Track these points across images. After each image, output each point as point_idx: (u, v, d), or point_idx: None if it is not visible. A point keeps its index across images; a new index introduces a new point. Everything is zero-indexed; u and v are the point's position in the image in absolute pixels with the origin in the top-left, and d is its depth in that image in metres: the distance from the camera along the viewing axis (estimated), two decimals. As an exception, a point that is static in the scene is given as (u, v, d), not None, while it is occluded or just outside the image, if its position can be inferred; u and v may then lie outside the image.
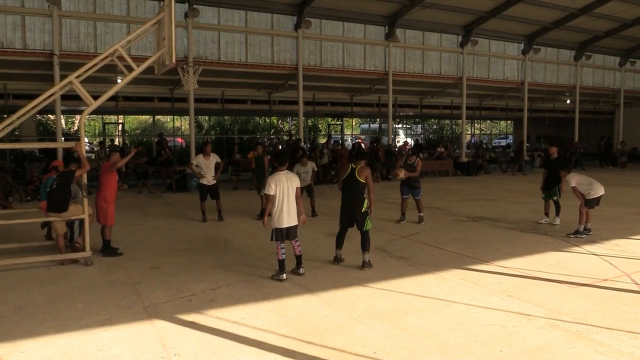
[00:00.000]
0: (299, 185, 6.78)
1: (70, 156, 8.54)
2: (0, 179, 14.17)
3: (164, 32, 8.02)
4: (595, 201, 9.40)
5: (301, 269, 6.83)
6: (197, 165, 11.15)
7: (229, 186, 17.42)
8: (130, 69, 7.89)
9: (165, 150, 17.37)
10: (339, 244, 7.47)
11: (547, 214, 10.63)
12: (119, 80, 9.19)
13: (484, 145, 30.92)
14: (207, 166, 11.09)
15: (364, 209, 7.20)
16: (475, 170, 22.93)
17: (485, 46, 23.57)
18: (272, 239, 6.68)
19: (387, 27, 20.60)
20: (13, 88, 17.46)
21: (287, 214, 6.59)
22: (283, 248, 6.62)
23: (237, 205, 13.31)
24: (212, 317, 5.30)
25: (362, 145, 26.34)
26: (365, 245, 7.19)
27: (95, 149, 21.59)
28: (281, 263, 6.61)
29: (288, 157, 7.23)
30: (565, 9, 21.47)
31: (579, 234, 9.22)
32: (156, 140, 19.86)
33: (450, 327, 4.98)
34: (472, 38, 22.41)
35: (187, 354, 4.43)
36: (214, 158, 11.23)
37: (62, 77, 11.13)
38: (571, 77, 26.77)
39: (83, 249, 7.53)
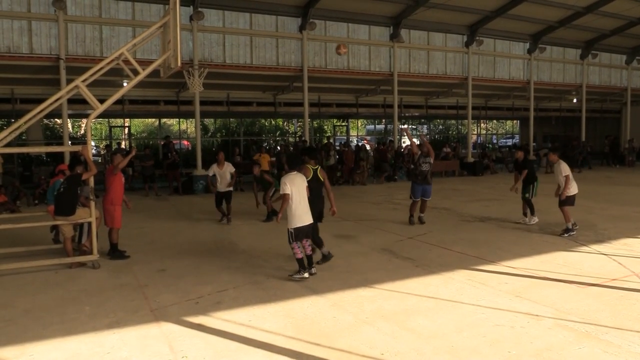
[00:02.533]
0: (306, 185, 6.90)
1: (77, 159, 8.58)
2: (8, 183, 14.27)
3: (169, 35, 8.05)
4: (573, 199, 9.40)
5: (313, 268, 6.84)
6: (213, 175, 11.23)
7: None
8: (136, 73, 7.93)
9: (172, 153, 17.42)
10: (320, 243, 7.40)
11: (524, 214, 10.59)
12: (125, 84, 9.25)
13: (488, 146, 30.90)
14: (222, 176, 11.17)
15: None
16: (482, 170, 22.87)
17: (491, 46, 23.51)
18: (292, 241, 6.63)
19: (391, 27, 20.59)
20: (20, 92, 17.54)
21: (307, 213, 6.70)
22: (300, 247, 6.64)
23: (242, 207, 13.32)
24: (219, 320, 5.30)
25: (368, 146, 26.34)
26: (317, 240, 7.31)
27: (102, 152, 21.69)
28: (301, 261, 6.61)
29: (300, 161, 7.26)
30: (570, 8, 21.39)
31: (570, 231, 9.16)
32: (163, 143, 19.94)
33: (458, 328, 4.96)
34: (478, 38, 22.35)
35: (195, 357, 4.43)
36: (228, 167, 11.29)
37: (69, 81, 11.19)
38: (577, 75, 26.63)
39: (90, 252, 7.56)
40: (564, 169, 9.28)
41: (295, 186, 6.63)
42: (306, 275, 6.59)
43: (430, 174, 10.62)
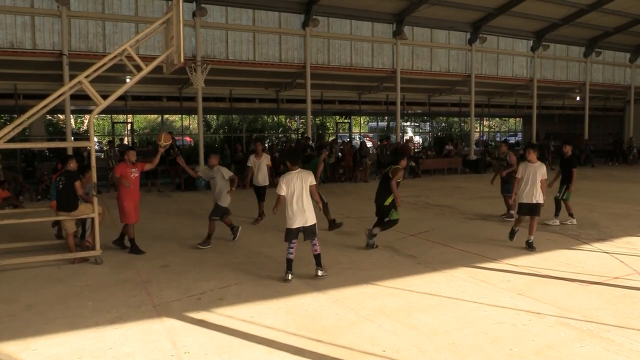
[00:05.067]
0: (314, 183, 6.57)
1: (70, 155, 8.61)
2: (11, 178, 14.31)
3: (172, 31, 8.04)
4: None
5: (319, 271, 6.59)
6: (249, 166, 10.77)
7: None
8: (139, 69, 7.92)
9: (174, 149, 17.42)
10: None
11: (571, 215, 10.13)
12: (127, 80, 9.22)
13: (491, 144, 30.85)
14: (258, 168, 10.76)
15: (387, 203, 7.97)
16: (484, 167, 22.85)
17: (494, 43, 23.47)
18: (285, 239, 6.58)
19: (394, 24, 20.57)
20: (23, 88, 17.58)
21: (300, 215, 6.43)
22: (291, 248, 6.51)
23: (244, 203, 13.33)
24: (221, 316, 5.32)
25: (370, 143, 26.35)
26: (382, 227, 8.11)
27: (105, 148, 21.70)
28: (288, 262, 6.50)
29: (301, 156, 7.00)
30: (574, 5, 21.34)
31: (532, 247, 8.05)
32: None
33: (460, 326, 4.97)
34: (481, 35, 22.32)
35: (197, 352, 4.44)
36: (265, 159, 10.85)
37: (72, 77, 11.22)
38: (581, 73, 26.58)
39: (93, 248, 7.58)
40: (545, 171, 8.16)
41: (291, 186, 6.41)
42: (288, 277, 6.43)
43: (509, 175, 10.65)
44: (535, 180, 8.01)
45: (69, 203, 7.53)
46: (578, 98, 28.07)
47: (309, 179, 6.54)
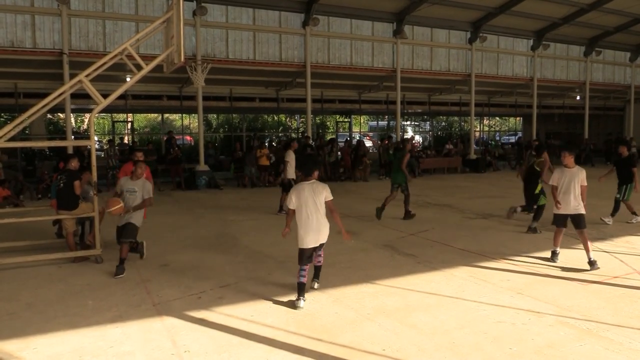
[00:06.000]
0: (330, 198, 5.67)
1: (72, 154, 8.61)
2: (11, 177, 14.31)
3: (172, 30, 8.05)
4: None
5: (316, 283, 6.10)
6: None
7: (233, 183, 17.65)
8: (139, 68, 7.92)
9: (174, 148, 17.43)
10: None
11: (634, 213, 10.27)
12: (128, 79, 9.23)
13: (491, 143, 30.88)
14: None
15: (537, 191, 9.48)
16: (484, 167, 22.85)
17: (494, 42, 23.45)
18: (298, 262, 5.69)
19: (395, 24, 20.55)
20: (23, 87, 17.56)
21: (314, 234, 5.60)
22: (303, 270, 5.59)
23: (244, 202, 13.35)
24: (221, 314, 5.32)
25: (370, 142, 26.31)
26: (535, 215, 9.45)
27: (105, 147, 21.70)
28: (299, 286, 5.57)
29: (316, 166, 5.89)
30: (575, 4, 21.33)
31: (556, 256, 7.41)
32: (165, 138, 19.98)
33: (460, 325, 4.97)
34: (481, 34, 22.30)
35: (197, 351, 4.45)
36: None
37: (72, 76, 11.24)
38: (581, 73, 26.56)
39: (93, 247, 7.59)
40: (584, 177, 7.14)
41: (303, 199, 5.58)
42: (300, 303, 5.48)
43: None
44: (573, 188, 7.07)
45: (70, 202, 7.55)
46: (578, 97, 28.04)
47: (324, 193, 5.66)
